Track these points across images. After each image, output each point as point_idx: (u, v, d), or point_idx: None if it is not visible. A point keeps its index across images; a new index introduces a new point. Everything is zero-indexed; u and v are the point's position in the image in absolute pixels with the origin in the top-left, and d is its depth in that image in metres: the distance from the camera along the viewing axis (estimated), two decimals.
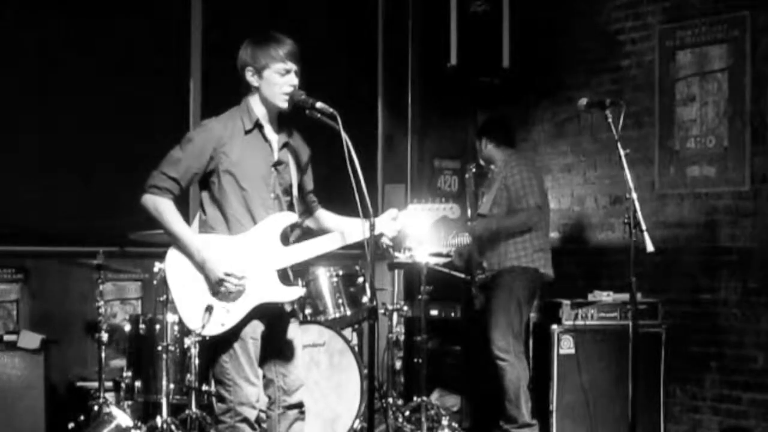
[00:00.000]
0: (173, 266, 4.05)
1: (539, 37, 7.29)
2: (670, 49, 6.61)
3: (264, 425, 4.24)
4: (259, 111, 4.11)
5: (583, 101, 4.68)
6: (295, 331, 4.24)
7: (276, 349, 4.17)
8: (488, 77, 7.05)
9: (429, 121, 7.83)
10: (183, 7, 6.79)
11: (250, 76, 4.08)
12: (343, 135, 3.83)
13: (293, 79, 4.06)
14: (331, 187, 4.36)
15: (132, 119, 6.45)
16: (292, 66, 4.06)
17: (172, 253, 4.07)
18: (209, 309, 3.97)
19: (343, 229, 4.12)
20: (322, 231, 4.25)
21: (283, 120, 4.18)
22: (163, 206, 4.01)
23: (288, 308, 4.19)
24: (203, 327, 3.96)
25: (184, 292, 4.03)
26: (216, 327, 3.98)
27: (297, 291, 4.12)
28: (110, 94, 6.40)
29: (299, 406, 4.20)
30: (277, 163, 4.12)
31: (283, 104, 4.07)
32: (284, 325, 4.19)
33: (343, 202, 4.21)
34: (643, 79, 6.79)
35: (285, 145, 4.16)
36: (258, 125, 4.09)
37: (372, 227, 3.88)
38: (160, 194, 4.01)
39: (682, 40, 6.56)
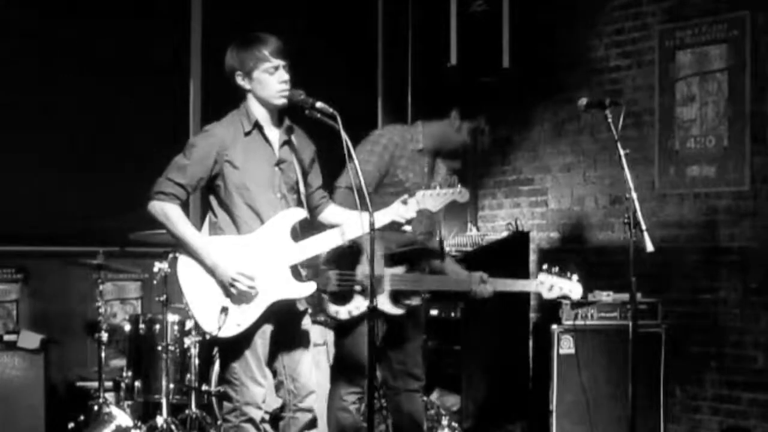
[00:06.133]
0: (185, 270, 4.04)
1: (539, 37, 7.29)
2: (670, 49, 6.62)
3: (267, 426, 4.23)
4: (258, 112, 4.11)
5: (583, 101, 4.66)
6: (308, 332, 4.23)
7: (286, 350, 4.17)
8: (488, 77, 7.04)
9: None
10: (183, 7, 6.79)
11: (241, 80, 4.09)
12: (343, 135, 3.83)
13: (284, 75, 4.07)
14: (331, 186, 4.36)
15: (132, 119, 6.45)
16: (279, 62, 4.06)
17: (184, 257, 4.05)
18: (224, 310, 3.96)
19: (350, 224, 4.10)
20: (332, 227, 4.22)
21: (284, 118, 4.18)
22: (171, 211, 4.00)
23: (301, 307, 4.19)
24: (219, 329, 3.96)
25: (198, 295, 4.01)
26: (232, 328, 3.98)
27: (311, 287, 4.11)
28: (110, 93, 6.40)
29: (310, 411, 4.20)
30: (279, 162, 4.12)
31: (279, 101, 4.08)
32: (295, 325, 4.19)
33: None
34: (643, 79, 6.79)
35: (286, 143, 4.16)
36: (257, 126, 4.10)
37: (372, 226, 3.89)
38: (167, 200, 4.00)
39: (682, 40, 6.56)
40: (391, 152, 4.69)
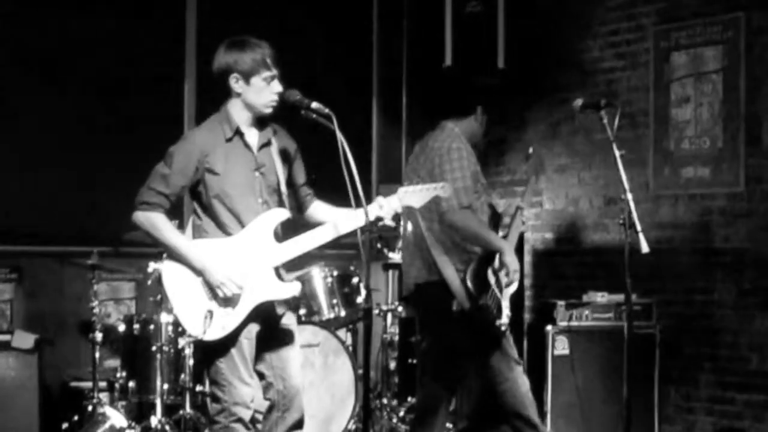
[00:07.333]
0: (170, 276, 4.05)
1: (534, 37, 7.29)
2: (665, 50, 6.62)
3: (259, 426, 4.23)
4: (240, 117, 4.09)
5: (578, 102, 4.67)
6: (293, 331, 4.22)
7: (274, 350, 4.16)
8: (483, 78, 7.04)
9: (423, 121, 7.82)
10: (178, 11, 6.79)
11: (235, 83, 4.05)
12: (339, 135, 3.83)
13: (278, 86, 4.06)
14: (326, 187, 4.35)
15: (127, 120, 6.45)
16: (276, 72, 4.06)
17: (168, 264, 4.07)
18: (209, 314, 3.97)
19: (336, 220, 4.09)
20: (317, 224, 4.20)
21: (264, 118, 4.16)
22: (156, 220, 4.02)
23: (280, 311, 4.17)
24: (205, 332, 3.96)
25: (184, 300, 4.02)
26: (217, 331, 3.98)
27: (295, 287, 4.11)
28: (106, 95, 6.41)
29: (298, 412, 4.20)
30: (259, 167, 4.11)
31: (267, 110, 4.09)
32: (279, 325, 4.18)
33: (339, 202, 4.20)
34: (637, 80, 6.79)
35: (265, 145, 4.15)
36: (238, 132, 4.09)
37: (367, 226, 3.88)
38: (150, 209, 4.02)
39: (676, 41, 6.56)
40: (473, 161, 4.94)
